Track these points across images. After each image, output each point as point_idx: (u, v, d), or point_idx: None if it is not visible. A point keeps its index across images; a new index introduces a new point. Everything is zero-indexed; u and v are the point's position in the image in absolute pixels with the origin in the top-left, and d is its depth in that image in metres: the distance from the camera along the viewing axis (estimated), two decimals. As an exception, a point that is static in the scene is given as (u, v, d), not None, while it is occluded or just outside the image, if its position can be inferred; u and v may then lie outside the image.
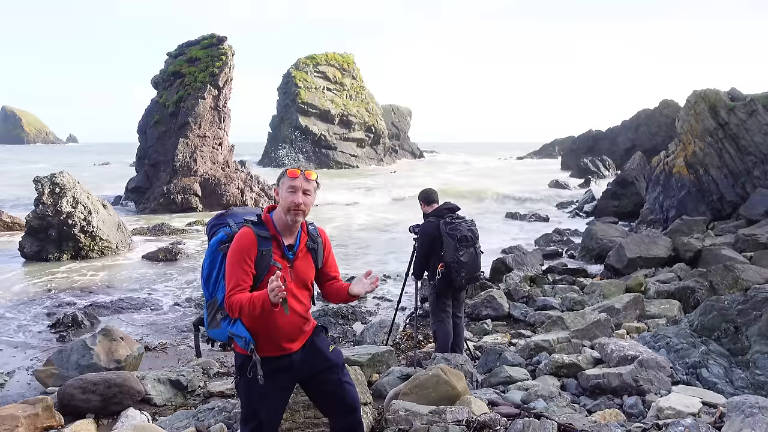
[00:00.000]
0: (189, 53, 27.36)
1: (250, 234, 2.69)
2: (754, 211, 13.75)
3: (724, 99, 15.93)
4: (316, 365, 2.87)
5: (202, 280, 2.85)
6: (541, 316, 7.87)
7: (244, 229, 2.72)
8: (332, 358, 2.92)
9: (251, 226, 2.73)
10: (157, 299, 10.39)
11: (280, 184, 2.78)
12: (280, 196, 2.76)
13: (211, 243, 2.84)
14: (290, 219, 2.73)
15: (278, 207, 2.81)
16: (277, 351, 2.78)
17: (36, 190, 13.99)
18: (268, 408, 2.81)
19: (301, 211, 2.73)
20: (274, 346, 2.77)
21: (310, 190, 2.75)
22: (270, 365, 2.73)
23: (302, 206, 2.71)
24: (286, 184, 2.73)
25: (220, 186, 24.87)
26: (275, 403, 2.84)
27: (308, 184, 2.74)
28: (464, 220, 5.60)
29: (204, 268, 2.83)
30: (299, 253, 2.83)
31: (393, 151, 73.35)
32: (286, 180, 2.75)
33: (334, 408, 2.96)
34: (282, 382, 2.83)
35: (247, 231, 2.70)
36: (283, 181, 2.76)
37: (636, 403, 4.26)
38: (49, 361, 6.16)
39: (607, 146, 45.41)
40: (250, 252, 2.66)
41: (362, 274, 2.83)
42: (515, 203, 27.34)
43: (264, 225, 2.76)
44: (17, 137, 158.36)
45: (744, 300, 5.32)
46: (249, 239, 2.68)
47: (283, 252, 2.76)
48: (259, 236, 2.70)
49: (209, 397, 5.49)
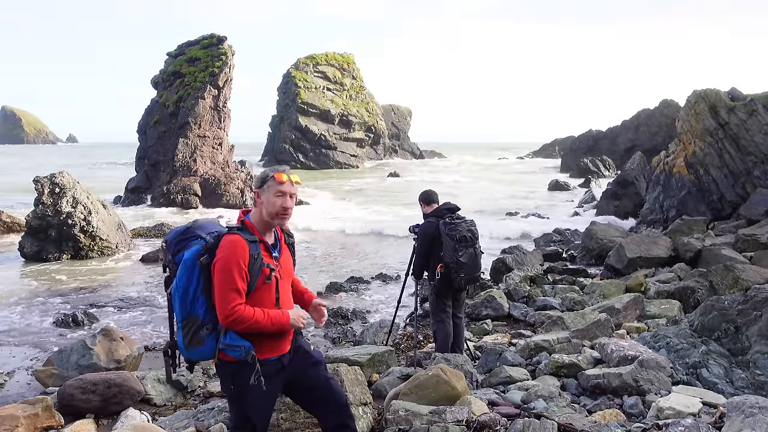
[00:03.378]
0: (189, 53, 27.38)
1: (240, 240, 2.67)
2: (754, 211, 13.74)
3: (724, 99, 15.92)
4: (301, 363, 2.92)
5: (178, 296, 2.66)
6: (541, 316, 7.87)
7: (232, 237, 2.68)
8: (315, 356, 3.00)
9: (238, 232, 2.71)
10: (156, 299, 10.38)
11: (266, 187, 2.77)
12: (266, 199, 2.76)
13: (186, 258, 2.68)
14: (278, 222, 2.79)
15: (256, 210, 2.81)
16: (274, 352, 2.79)
17: (36, 190, 13.99)
18: (261, 412, 2.83)
19: (289, 216, 2.79)
20: (273, 347, 2.79)
21: (296, 194, 2.84)
22: (266, 369, 2.73)
23: (290, 211, 2.79)
24: (274, 188, 2.74)
25: (220, 186, 24.88)
26: (267, 407, 2.88)
27: (294, 189, 2.81)
28: (464, 221, 5.59)
29: (178, 286, 2.66)
30: (282, 251, 2.90)
31: (393, 151, 73.37)
32: (273, 184, 2.75)
33: (324, 406, 2.98)
34: (274, 386, 2.84)
35: (237, 238, 2.67)
36: (270, 185, 2.76)
37: (636, 403, 4.26)
38: (49, 361, 6.16)
39: (607, 146, 45.42)
40: (244, 257, 2.65)
41: (318, 303, 3.08)
42: (515, 203, 27.33)
43: (249, 230, 2.77)
44: (17, 137, 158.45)
45: (744, 300, 5.31)
46: (241, 245, 2.66)
47: (270, 253, 2.79)
48: (249, 241, 2.70)
49: (209, 397, 5.50)
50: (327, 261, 14.31)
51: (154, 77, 28.44)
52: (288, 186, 2.76)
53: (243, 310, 2.60)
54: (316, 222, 20.17)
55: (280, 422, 3.83)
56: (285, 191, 2.74)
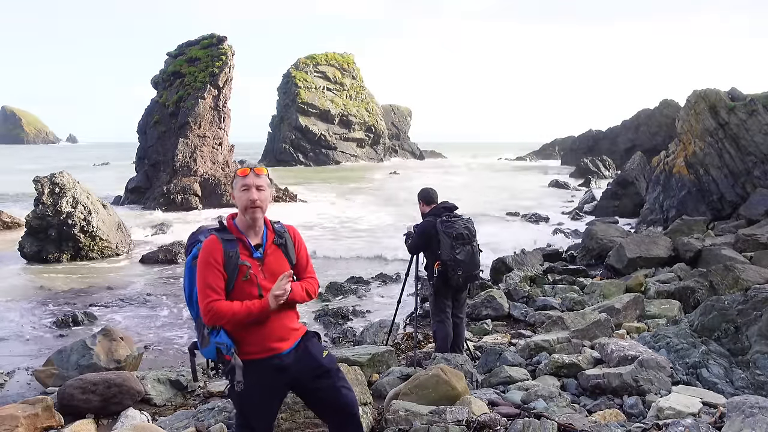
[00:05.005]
0: (189, 53, 27.38)
1: (214, 239, 2.72)
2: (754, 211, 13.75)
3: (724, 99, 15.93)
4: (309, 371, 2.83)
5: (186, 300, 2.83)
6: (541, 316, 7.86)
7: (208, 238, 2.75)
8: (326, 364, 2.88)
9: (214, 232, 2.77)
10: (156, 299, 10.39)
11: (234, 185, 2.79)
12: (236, 197, 2.78)
13: (186, 261, 2.86)
14: (249, 217, 2.75)
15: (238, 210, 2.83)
16: (265, 352, 2.73)
17: (36, 190, 13.99)
18: (258, 414, 2.78)
19: (258, 207, 2.73)
20: (262, 346, 2.73)
21: (263, 185, 2.77)
22: (258, 367, 2.70)
23: (258, 202, 2.72)
24: (239, 183, 2.75)
25: (220, 186, 24.88)
26: (265, 409, 2.80)
27: (260, 180, 2.76)
28: (461, 218, 5.59)
29: (185, 287, 2.84)
30: (268, 251, 2.82)
31: (393, 151, 73.38)
32: (238, 180, 2.76)
33: (332, 413, 2.92)
34: (271, 388, 2.78)
35: (211, 238, 2.73)
36: (236, 182, 2.77)
37: (636, 403, 4.26)
38: (49, 361, 6.16)
39: (607, 146, 45.47)
40: (216, 255, 2.67)
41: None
42: (515, 203, 27.33)
43: (227, 229, 2.79)
44: (17, 137, 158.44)
45: (744, 300, 5.31)
46: (213, 244, 2.70)
47: (250, 252, 2.76)
48: (224, 240, 2.72)
49: (209, 397, 5.49)
50: (327, 261, 14.31)
51: (154, 77, 28.43)
52: (251, 178, 2.74)
53: (219, 304, 2.61)
54: (316, 222, 20.17)
55: (280, 422, 3.83)
56: (248, 184, 2.72)
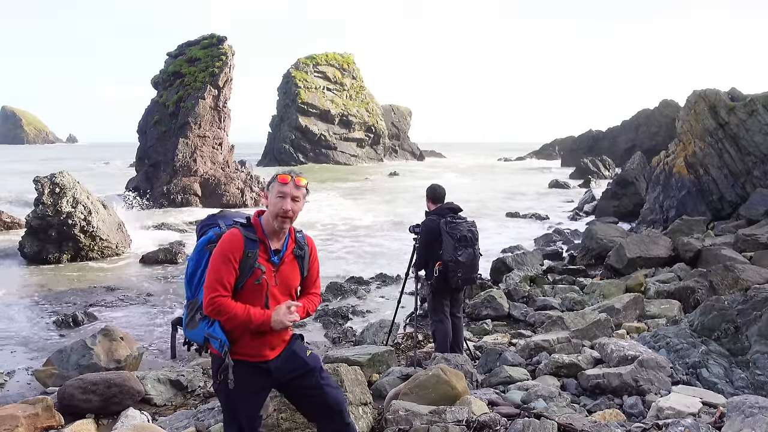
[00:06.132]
0: (189, 53, 27.35)
1: (238, 235, 2.69)
2: (754, 211, 13.73)
3: (724, 99, 15.92)
4: (293, 370, 2.84)
5: (186, 278, 2.83)
6: (541, 316, 7.87)
7: (232, 230, 2.72)
8: (310, 363, 2.88)
9: (240, 227, 2.73)
10: (157, 299, 10.39)
11: (270, 188, 2.77)
12: (269, 201, 2.76)
13: (198, 242, 2.84)
14: (277, 225, 2.73)
15: (266, 212, 2.80)
16: (254, 357, 2.75)
17: (36, 190, 13.97)
18: (246, 409, 2.80)
19: (289, 218, 2.73)
20: (255, 352, 2.75)
21: (299, 197, 2.75)
22: (246, 368, 2.72)
23: (290, 213, 2.71)
24: (276, 189, 2.73)
25: (220, 186, 24.89)
26: (252, 405, 2.83)
27: (297, 191, 2.74)
28: (465, 221, 5.61)
29: (188, 266, 2.83)
30: (285, 259, 2.81)
31: (393, 151, 73.33)
32: (276, 185, 2.74)
33: (319, 412, 2.91)
34: (257, 386, 2.81)
35: (235, 232, 2.70)
36: (273, 186, 2.75)
37: (636, 403, 4.26)
38: (49, 361, 6.15)
39: (607, 146, 45.47)
40: (236, 252, 2.65)
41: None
42: (515, 203, 27.33)
43: (253, 228, 2.76)
44: (17, 137, 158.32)
45: (744, 300, 5.32)
46: (236, 240, 2.68)
47: (269, 256, 2.75)
48: (247, 238, 2.70)
49: (209, 397, 5.49)
50: (326, 261, 14.31)
51: (154, 77, 28.41)
52: (290, 188, 2.71)
53: (224, 301, 2.61)
54: (316, 221, 20.17)
55: (280, 422, 3.82)
56: (285, 192, 2.70)
